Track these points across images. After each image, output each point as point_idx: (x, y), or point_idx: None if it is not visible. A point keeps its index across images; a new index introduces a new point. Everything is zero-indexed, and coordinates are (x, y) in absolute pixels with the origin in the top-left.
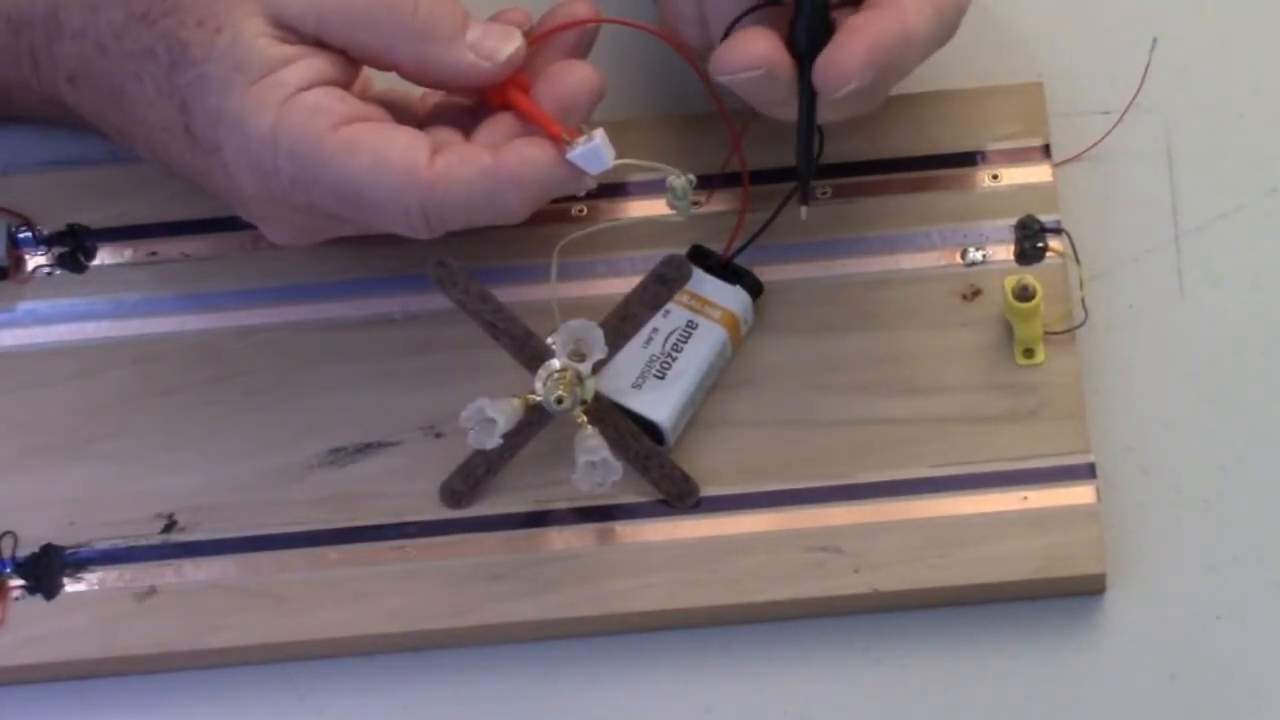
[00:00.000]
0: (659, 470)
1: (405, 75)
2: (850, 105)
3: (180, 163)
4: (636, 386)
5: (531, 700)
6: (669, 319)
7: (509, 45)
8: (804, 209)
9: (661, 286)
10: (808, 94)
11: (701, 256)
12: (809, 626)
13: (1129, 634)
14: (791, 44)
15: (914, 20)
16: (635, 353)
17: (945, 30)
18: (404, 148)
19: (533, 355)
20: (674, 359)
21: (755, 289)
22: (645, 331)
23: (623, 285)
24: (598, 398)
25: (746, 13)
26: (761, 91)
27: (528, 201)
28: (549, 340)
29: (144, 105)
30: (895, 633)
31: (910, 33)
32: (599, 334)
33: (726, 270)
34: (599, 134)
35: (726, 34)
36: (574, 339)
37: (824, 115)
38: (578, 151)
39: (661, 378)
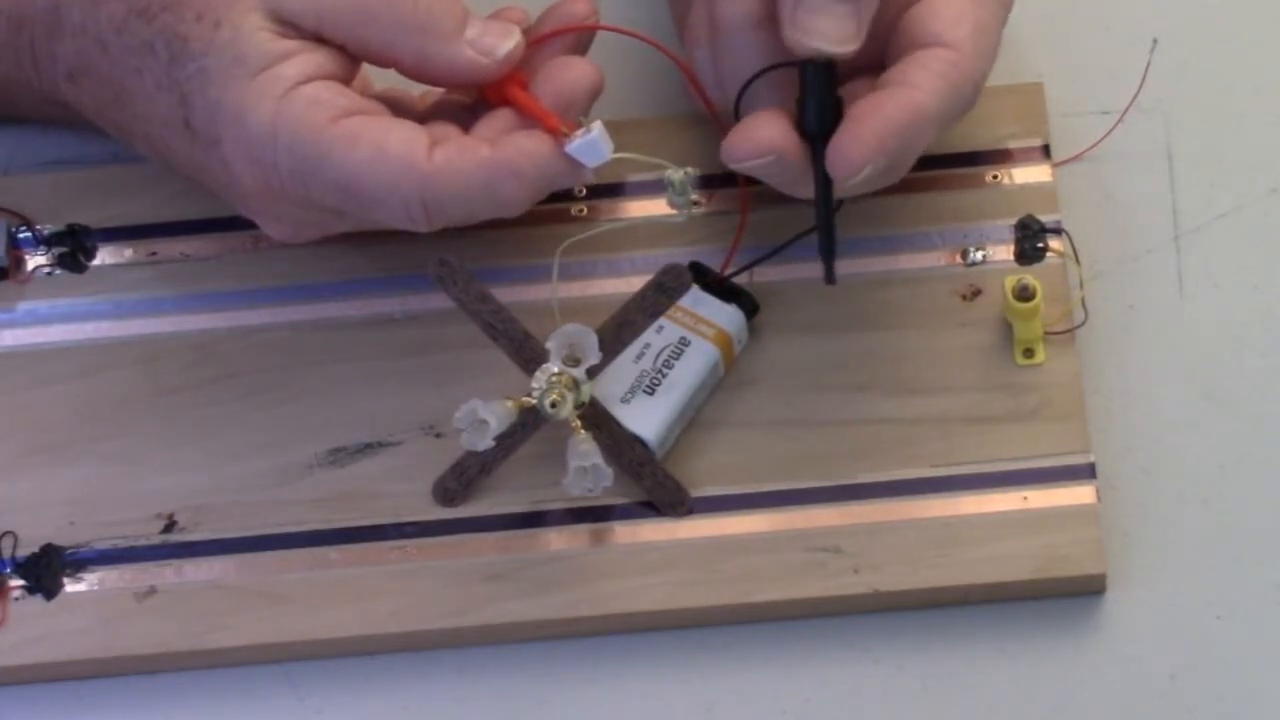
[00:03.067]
0: (652, 478)
1: (404, 71)
2: (868, 185)
3: (180, 159)
4: (625, 401)
5: (531, 700)
6: (662, 335)
7: (508, 42)
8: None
9: (661, 295)
10: (822, 176)
11: (699, 274)
12: (809, 626)
13: (1129, 634)
14: (801, 125)
15: (926, 98)
16: (626, 367)
17: (961, 104)
18: (403, 140)
19: (530, 357)
20: (664, 375)
21: (751, 309)
22: (637, 346)
23: (623, 285)
24: (593, 403)
25: (759, 74)
26: (774, 176)
27: (526, 193)
28: (546, 343)
29: (144, 101)
30: (895, 633)
31: (922, 112)
32: (593, 339)
33: (723, 288)
34: (597, 126)
35: (740, 94)
36: (568, 344)
37: (842, 194)
38: (576, 144)
39: (650, 393)
